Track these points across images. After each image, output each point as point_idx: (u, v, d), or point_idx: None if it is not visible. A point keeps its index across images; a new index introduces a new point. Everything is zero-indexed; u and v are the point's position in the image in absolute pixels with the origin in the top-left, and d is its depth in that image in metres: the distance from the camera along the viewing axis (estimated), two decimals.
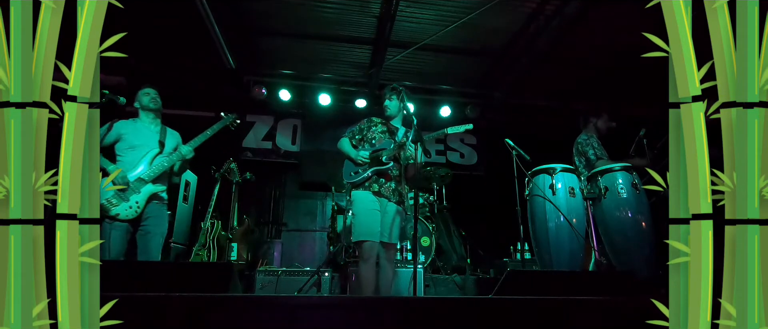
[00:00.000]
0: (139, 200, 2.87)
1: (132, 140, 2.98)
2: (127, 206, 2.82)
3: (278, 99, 6.13)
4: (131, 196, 2.85)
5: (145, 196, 2.90)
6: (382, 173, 2.96)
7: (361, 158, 2.96)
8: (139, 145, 2.98)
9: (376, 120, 3.18)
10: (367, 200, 2.90)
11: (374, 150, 3.01)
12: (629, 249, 3.31)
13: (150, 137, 3.05)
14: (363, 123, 3.18)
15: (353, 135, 3.15)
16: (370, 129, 3.12)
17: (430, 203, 5.33)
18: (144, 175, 2.90)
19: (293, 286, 4.10)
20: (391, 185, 2.98)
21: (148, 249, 2.89)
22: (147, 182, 2.91)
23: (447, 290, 4.43)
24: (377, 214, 2.89)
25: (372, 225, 2.85)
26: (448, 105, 6.40)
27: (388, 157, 2.94)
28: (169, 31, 4.89)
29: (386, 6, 4.50)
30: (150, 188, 2.92)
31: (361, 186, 2.95)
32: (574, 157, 3.94)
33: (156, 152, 3.01)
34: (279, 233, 6.39)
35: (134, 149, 2.96)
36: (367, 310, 1.69)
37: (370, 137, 3.10)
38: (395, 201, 2.98)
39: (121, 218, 2.79)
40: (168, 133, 3.16)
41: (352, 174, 2.98)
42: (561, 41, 4.91)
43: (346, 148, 3.07)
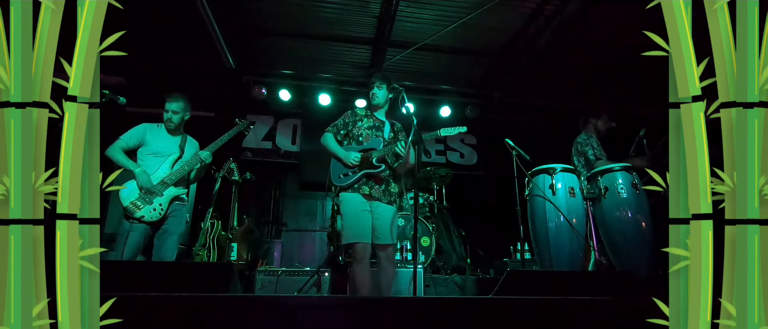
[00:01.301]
0: (163, 203, 2.97)
1: (154, 146, 3.09)
2: (151, 209, 2.92)
3: (278, 99, 6.12)
4: (155, 199, 2.94)
5: (168, 198, 2.99)
6: (372, 176, 2.87)
7: (351, 161, 2.85)
8: (160, 151, 3.08)
9: (360, 113, 3.05)
10: (356, 201, 2.82)
11: (363, 150, 2.91)
12: (629, 249, 3.31)
13: (171, 142, 3.15)
14: (347, 116, 3.05)
15: (337, 130, 3.02)
16: (356, 124, 3.00)
17: (430, 203, 5.33)
18: (166, 178, 3.00)
19: (293, 286, 4.09)
20: (382, 187, 2.89)
21: (165, 248, 2.98)
22: (169, 185, 3.00)
23: (447, 290, 4.43)
24: (367, 215, 2.82)
25: (362, 227, 2.78)
26: (448, 105, 6.40)
27: (378, 159, 2.85)
28: (169, 31, 4.89)
29: (386, 6, 4.50)
30: (172, 191, 3.02)
31: (349, 189, 2.86)
32: (573, 157, 3.94)
33: (176, 157, 3.10)
34: (279, 233, 6.38)
35: (156, 155, 3.07)
36: (367, 310, 1.69)
37: (356, 133, 2.98)
38: (387, 202, 2.89)
39: (145, 220, 2.90)
40: (188, 141, 3.26)
41: (340, 177, 2.88)
42: (561, 41, 4.91)
43: (333, 145, 2.94)
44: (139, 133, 3.09)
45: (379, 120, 3.05)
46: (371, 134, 2.97)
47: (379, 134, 2.98)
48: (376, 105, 3.04)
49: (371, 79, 3.06)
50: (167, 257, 2.97)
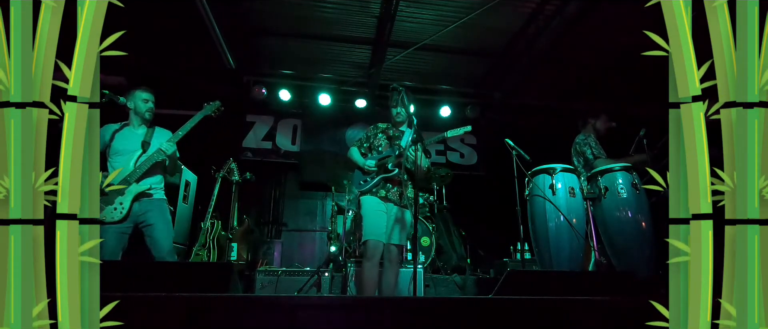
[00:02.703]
0: (124, 201, 2.87)
1: (117, 146, 2.99)
2: (112, 209, 2.83)
3: (278, 99, 6.13)
4: (116, 198, 2.86)
5: (130, 196, 2.89)
6: (389, 179, 3.09)
7: (368, 167, 3.10)
8: (121, 149, 2.99)
9: (382, 126, 3.30)
10: (374, 203, 3.05)
11: (380, 158, 3.15)
12: (629, 248, 3.31)
13: (134, 140, 3.05)
14: (370, 130, 3.31)
15: (361, 144, 3.29)
16: (376, 136, 3.26)
17: (430, 203, 5.34)
18: (128, 176, 2.91)
19: (293, 286, 4.10)
20: (398, 190, 3.10)
21: (156, 240, 2.91)
22: (130, 182, 2.91)
23: (447, 290, 4.43)
24: (383, 215, 3.03)
25: (378, 226, 2.98)
26: (448, 105, 6.40)
27: (393, 164, 3.07)
28: (169, 31, 4.89)
29: (386, 6, 4.50)
30: (134, 187, 2.91)
31: (368, 192, 3.08)
32: (573, 157, 3.94)
33: (139, 154, 3.00)
34: (279, 233, 6.39)
35: (119, 155, 2.97)
36: (367, 310, 1.69)
37: (376, 144, 3.24)
38: (401, 205, 3.10)
39: (107, 221, 2.81)
40: (156, 132, 3.14)
41: (361, 183, 3.13)
42: (561, 41, 4.91)
43: (356, 157, 3.21)
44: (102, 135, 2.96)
45: (399, 131, 3.25)
46: (389, 144, 3.21)
47: (397, 143, 3.18)
48: (400, 122, 3.23)
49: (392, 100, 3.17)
50: (164, 248, 2.92)
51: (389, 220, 3.04)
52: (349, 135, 6.73)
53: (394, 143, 3.17)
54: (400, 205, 3.10)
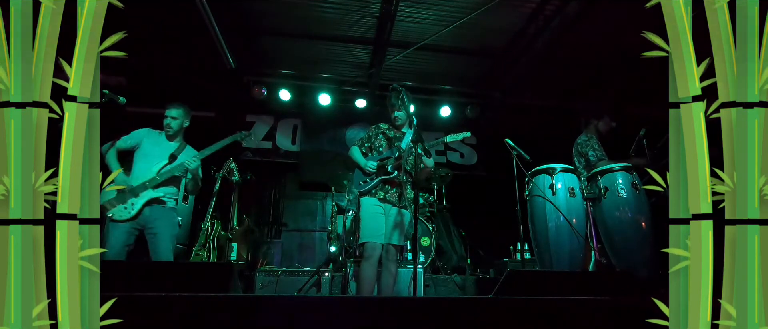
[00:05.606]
0: (136, 203, 2.97)
1: (146, 148, 3.12)
2: (123, 208, 2.95)
3: (278, 99, 6.12)
4: (129, 199, 2.96)
5: (143, 199, 2.99)
6: (388, 181, 3.09)
7: (368, 168, 3.11)
8: (150, 154, 3.11)
9: (383, 127, 3.30)
10: (372, 204, 3.06)
11: (380, 159, 3.15)
12: (629, 248, 3.31)
13: (165, 148, 3.18)
14: (371, 130, 3.32)
15: (362, 143, 3.30)
16: (377, 136, 3.26)
17: (430, 203, 5.33)
18: (148, 181, 3.01)
19: (293, 286, 4.10)
20: (397, 191, 3.10)
21: (157, 250, 2.98)
22: (148, 187, 3.01)
23: (447, 290, 4.43)
24: (381, 217, 3.03)
25: (376, 228, 2.99)
26: (448, 105, 6.40)
27: (393, 166, 3.08)
28: (169, 31, 4.89)
29: (386, 6, 4.49)
30: (149, 192, 3.01)
31: (367, 193, 3.09)
32: (574, 158, 3.93)
33: (164, 164, 3.11)
34: (279, 233, 6.39)
35: (146, 158, 3.09)
36: (367, 310, 1.69)
37: (377, 145, 3.24)
38: (400, 206, 3.10)
39: (116, 218, 2.92)
40: (186, 150, 3.27)
41: (361, 183, 3.13)
42: (561, 41, 4.90)
43: (357, 157, 3.22)
44: (137, 136, 3.15)
45: (400, 132, 3.26)
46: (389, 145, 3.21)
47: (398, 144, 3.18)
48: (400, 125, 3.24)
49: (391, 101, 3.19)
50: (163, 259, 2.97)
51: (387, 221, 3.06)
52: (349, 135, 6.73)
53: (393, 145, 3.18)
54: (399, 206, 3.11)
